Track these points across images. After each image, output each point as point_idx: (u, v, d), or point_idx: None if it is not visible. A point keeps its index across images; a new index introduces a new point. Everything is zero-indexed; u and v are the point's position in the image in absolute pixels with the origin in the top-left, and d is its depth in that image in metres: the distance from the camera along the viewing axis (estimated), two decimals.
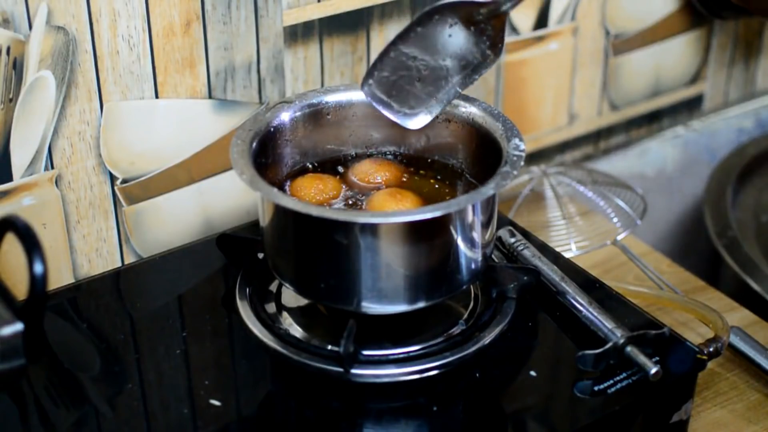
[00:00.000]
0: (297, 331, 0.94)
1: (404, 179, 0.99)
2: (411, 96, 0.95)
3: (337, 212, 0.90)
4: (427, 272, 0.89)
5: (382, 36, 1.18)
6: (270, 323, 0.94)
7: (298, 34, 1.12)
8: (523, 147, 0.91)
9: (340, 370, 0.88)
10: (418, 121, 0.96)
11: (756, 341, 1.05)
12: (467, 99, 0.98)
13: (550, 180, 1.31)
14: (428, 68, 0.94)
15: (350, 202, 0.96)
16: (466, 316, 0.96)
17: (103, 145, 1.04)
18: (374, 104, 0.95)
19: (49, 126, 1.00)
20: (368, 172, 0.98)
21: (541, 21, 1.32)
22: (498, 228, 1.03)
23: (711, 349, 0.96)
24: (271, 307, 0.97)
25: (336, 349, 0.89)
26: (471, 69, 0.94)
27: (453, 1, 0.91)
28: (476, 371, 0.92)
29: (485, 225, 0.91)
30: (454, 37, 0.92)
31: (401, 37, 0.92)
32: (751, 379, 1.04)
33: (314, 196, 0.96)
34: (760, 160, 1.54)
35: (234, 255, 1.02)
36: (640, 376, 0.90)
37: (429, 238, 0.87)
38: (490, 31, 0.91)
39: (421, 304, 0.90)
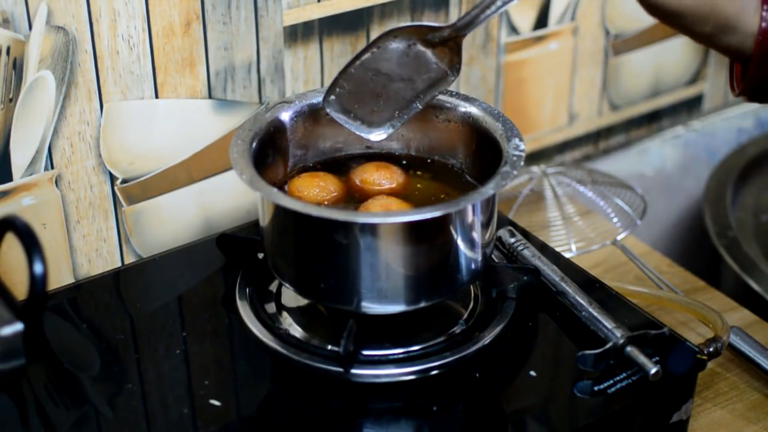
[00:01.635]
0: (297, 331, 0.94)
1: (405, 180, 0.99)
2: (373, 110, 0.97)
3: (337, 212, 0.90)
4: (427, 272, 0.89)
5: None
6: (270, 323, 0.94)
7: (298, 34, 1.12)
8: (523, 147, 0.91)
9: (340, 370, 0.88)
10: (379, 134, 0.98)
11: (756, 341, 1.05)
12: (467, 99, 0.99)
13: (550, 180, 1.31)
14: (389, 85, 0.96)
15: (350, 202, 0.96)
16: (466, 316, 0.96)
17: (103, 145, 1.04)
18: (335, 117, 0.97)
19: (49, 126, 1.00)
20: (372, 177, 0.98)
21: (541, 21, 1.32)
22: (498, 228, 1.03)
23: (711, 349, 0.96)
24: (271, 307, 0.97)
25: (336, 349, 0.89)
26: (431, 86, 0.96)
27: (408, 25, 0.95)
28: (476, 371, 0.92)
29: (485, 225, 0.91)
30: (413, 57, 0.95)
31: (361, 55, 0.95)
32: (751, 379, 1.04)
33: (315, 195, 0.95)
34: (759, 160, 1.54)
35: (234, 255, 1.02)
36: (640, 376, 0.90)
37: (429, 239, 0.87)
38: (447, 51, 0.95)
39: (421, 304, 0.90)
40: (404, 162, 1.02)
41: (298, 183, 0.97)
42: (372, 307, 0.89)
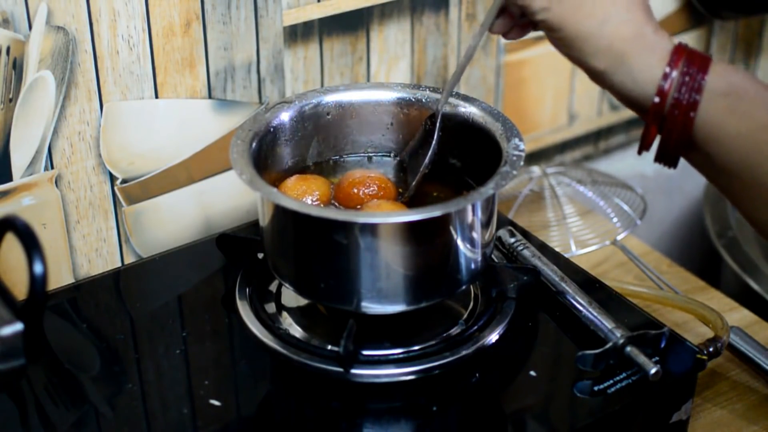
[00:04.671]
0: (297, 331, 0.94)
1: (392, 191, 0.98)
2: None
3: (337, 212, 0.90)
4: (427, 272, 0.89)
5: (382, 36, 1.18)
6: (270, 323, 0.94)
7: (298, 34, 1.12)
8: (523, 147, 0.91)
9: (340, 370, 0.88)
10: None
11: (756, 341, 1.05)
12: (467, 99, 0.99)
13: (550, 180, 1.31)
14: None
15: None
16: (465, 316, 0.96)
17: (102, 145, 1.04)
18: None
19: (49, 126, 1.00)
20: (357, 187, 0.96)
21: None
22: (498, 228, 1.03)
23: (711, 349, 0.96)
24: (271, 307, 0.97)
25: (336, 349, 0.89)
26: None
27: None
28: (476, 371, 0.92)
29: (485, 225, 0.91)
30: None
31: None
32: (751, 379, 1.04)
33: (298, 197, 0.94)
34: None
35: (234, 255, 1.02)
36: (639, 376, 0.90)
37: (429, 238, 0.87)
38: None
39: (421, 304, 0.90)
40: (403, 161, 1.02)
41: (287, 185, 0.96)
42: (372, 307, 0.89)
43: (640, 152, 0.88)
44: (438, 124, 0.97)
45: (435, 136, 0.97)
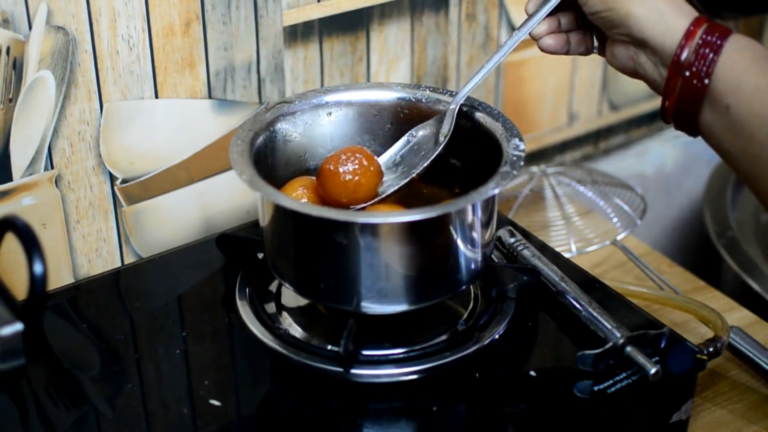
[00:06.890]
0: (297, 331, 0.94)
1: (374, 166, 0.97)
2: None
3: (337, 212, 0.90)
4: (426, 272, 0.89)
5: (382, 36, 1.18)
6: (270, 323, 0.94)
7: (298, 34, 1.12)
8: (523, 147, 0.91)
9: (340, 370, 0.88)
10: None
11: (756, 341, 1.05)
12: (467, 99, 0.98)
13: (550, 180, 1.31)
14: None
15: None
16: (466, 316, 0.96)
17: (103, 145, 1.04)
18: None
19: (49, 126, 1.00)
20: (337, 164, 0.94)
21: None
22: (498, 228, 1.03)
23: (711, 349, 0.96)
24: (270, 307, 0.97)
25: (336, 349, 0.89)
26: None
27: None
28: (476, 371, 0.92)
29: (485, 225, 0.91)
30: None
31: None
32: (751, 379, 1.04)
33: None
34: None
35: (234, 255, 1.02)
36: (639, 376, 0.90)
37: (429, 239, 0.87)
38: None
39: (420, 305, 0.90)
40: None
41: (284, 190, 0.96)
42: (372, 307, 0.89)
43: (665, 119, 0.90)
44: (447, 136, 0.96)
45: (442, 145, 0.96)
